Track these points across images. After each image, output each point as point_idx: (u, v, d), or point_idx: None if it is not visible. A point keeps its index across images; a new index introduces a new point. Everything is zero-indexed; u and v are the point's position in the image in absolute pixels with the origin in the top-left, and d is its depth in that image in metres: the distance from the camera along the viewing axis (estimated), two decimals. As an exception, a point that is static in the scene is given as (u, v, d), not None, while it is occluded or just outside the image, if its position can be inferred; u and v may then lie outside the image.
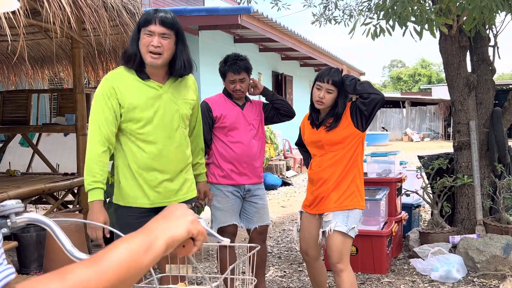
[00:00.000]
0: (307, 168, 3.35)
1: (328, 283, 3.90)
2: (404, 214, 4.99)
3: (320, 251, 3.32)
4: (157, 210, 2.57)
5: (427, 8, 4.01)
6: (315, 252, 3.25)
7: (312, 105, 3.16)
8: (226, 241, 1.06)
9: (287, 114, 3.61)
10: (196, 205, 2.82)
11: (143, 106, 2.51)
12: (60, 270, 0.66)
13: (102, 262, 0.69)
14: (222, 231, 3.40)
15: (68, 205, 4.95)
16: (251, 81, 3.54)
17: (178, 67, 2.53)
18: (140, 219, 2.52)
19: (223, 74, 3.47)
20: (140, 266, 0.72)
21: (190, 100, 2.69)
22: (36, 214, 1.11)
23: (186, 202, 2.67)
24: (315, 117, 3.17)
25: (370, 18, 4.38)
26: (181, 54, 2.53)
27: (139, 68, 2.51)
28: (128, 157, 2.57)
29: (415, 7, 3.86)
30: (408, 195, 5.14)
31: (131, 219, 2.57)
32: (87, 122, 2.67)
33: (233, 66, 3.41)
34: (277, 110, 3.60)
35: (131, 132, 2.54)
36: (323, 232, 3.06)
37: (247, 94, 3.58)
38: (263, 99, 3.75)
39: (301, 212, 3.32)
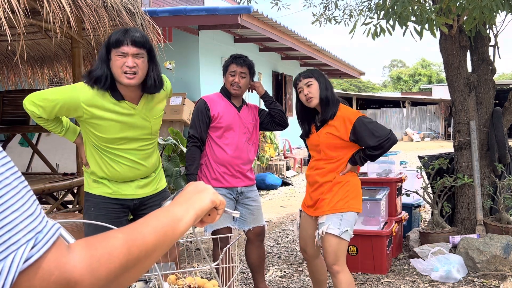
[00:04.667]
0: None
1: (328, 283, 3.90)
2: (404, 214, 4.99)
3: (319, 249, 3.34)
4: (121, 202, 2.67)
5: (427, 8, 4.00)
6: (313, 251, 3.28)
7: (302, 117, 3.20)
8: (236, 213, 1.19)
9: (281, 123, 3.63)
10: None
11: (115, 130, 2.54)
12: (131, 225, 0.78)
13: (145, 226, 0.78)
14: (215, 234, 3.38)
15: (68, 205, 4.95)
16: (256, 83, 3.55)
17: (149, 85, 2.53)
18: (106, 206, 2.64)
19: (226, 67, 3.47)
20: (174, 233, 0.83)
21: (160, 113, 2.73)
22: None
23: (150, 197, 2.76)
24: (307, 128, 3.20)
25: (370, 18, 4.38)
26: (152, 72, 2.53)
27: (112, 88, 2.49)
28: (102, 168, 2.62)
29: (415, 7, 3.85)
30: (408, 195, 5.13)
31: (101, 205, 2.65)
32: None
33: (237, 59, 3.44)
34: (273, 118, 3.60)
35: (101, 149, 2.58)
36: (318, 234, 3.09)
37: (244, 97, 3.58)
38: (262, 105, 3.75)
39: (300, 211, 3.37)
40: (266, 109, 3.66)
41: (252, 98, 8.76)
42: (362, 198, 3.24)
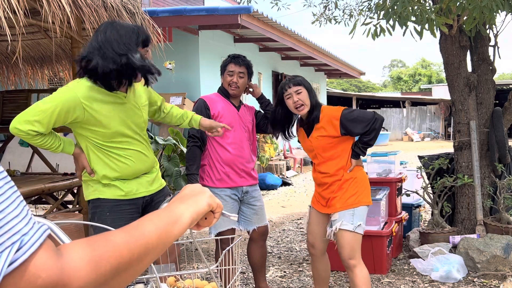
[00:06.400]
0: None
1: (330, 285, 3.89)
2: (404, 214, 4.99)
3: (326, 245, 3.37)
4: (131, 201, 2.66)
5: (427, 8, 4.00)
6: (322, 245, 3.32)
7: (279, 122, 3.27)
8: (234, 217, 1.17)
9: None
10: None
11: (116, 121, 2.53)
12: (124, 227, 0.77)
13: (138, 229, 0.77)
14: (220, 235, 3.37)
15: (68, 205, 4.94)
16: (253, 85, 3.54)
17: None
18: (115, 209, 2.61)
19: (224, 67, 3.46)
20: (169, 236, 0.81)
21: (145, 102, 2.75)
22: (34, 218, 1.10)
23: (157, 193, 2.76)
24: (280, 132, 3.33)
25: (370, 18, 4.38)
26: None
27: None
28: (113, 168, 2.60)
29: (415, 7, 3.85)
30: (408, 195, 5.13)
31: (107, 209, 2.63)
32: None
33: (236, 58, 3.45)
34: (268, 119, 3.60)
35: (108, 147, 2.56)
36: (331, 230, 3.15)
37: (241, 98, 3.58)
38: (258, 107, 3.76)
39: (310, 207, 3.41)
40: (262, 111, 3.66)
41: (251, 100, 8.76)
42: None
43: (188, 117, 3.02)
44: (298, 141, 3.44)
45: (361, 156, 3.20)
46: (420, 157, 5.47)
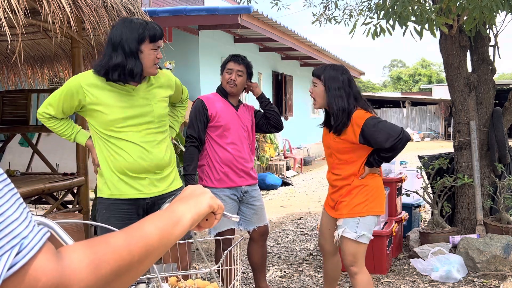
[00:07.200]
0: None
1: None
2: (404, 214, 4.99)
3: (337, 248, 3.31)
4: (136, 201, 2.67)
5: (427, 7, 4.00)
6: (331, 247, 3.28)
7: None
8: (236, 218, 1.14)
9: (276, 126, 3.64)
10: None
11: (117, 110, 2.56)
12: (125, 229, 0.77)
13: (139, 230, 0.77)
14: (220, 235, 3.36)
15: (68, 205, 4.94)
16: (253, 84, 3.54)
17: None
18: (113, 207, 2.64)
19: (223, 66, 3.47)
20: (169, 238, 0.81)
21: (162, 97, 2.74)
22: (37, 217, 1.10)
23: (170, 194, 2.73)
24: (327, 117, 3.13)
25: (370, 18, 4.38)
26: None
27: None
28: (108, 161, 2.62)
29: (415, 7, 3.85)
30: (408, 195, 5.13)
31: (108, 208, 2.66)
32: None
33: (235, 57, 3.47)
34: (268, 119, 3.60)
35: (107, 136, 2.58)
36: (336, 235, 3.10)
37: (240, 98, 3.58)
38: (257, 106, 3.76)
39: (323, 207, 3.36)
40: (262, 111, 3.66)
41: (250, 100, 8.77)
42: None
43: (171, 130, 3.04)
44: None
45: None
46: (420, 157, 5.47)
